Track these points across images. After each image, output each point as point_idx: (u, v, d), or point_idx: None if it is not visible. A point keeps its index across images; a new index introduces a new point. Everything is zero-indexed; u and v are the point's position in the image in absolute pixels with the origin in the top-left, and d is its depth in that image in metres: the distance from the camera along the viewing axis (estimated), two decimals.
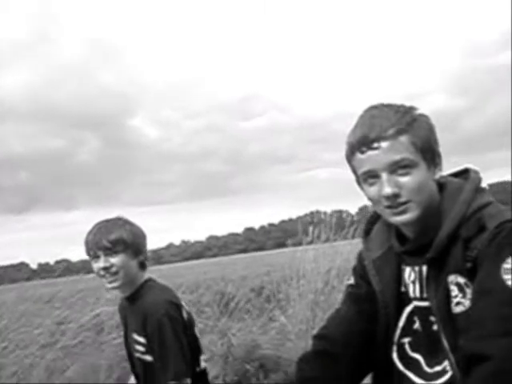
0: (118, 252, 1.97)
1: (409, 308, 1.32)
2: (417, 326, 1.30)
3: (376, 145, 1.19)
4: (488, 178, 1.35)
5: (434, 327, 1.24)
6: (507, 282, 1.08)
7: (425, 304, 1.26)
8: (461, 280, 1.17)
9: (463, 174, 1.31)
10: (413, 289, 1.30)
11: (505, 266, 1.09)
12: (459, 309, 1.17)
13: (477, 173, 1.28)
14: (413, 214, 1.20)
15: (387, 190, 1.18)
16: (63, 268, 6.50)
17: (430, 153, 1.22)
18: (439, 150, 1.25)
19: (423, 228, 1.24)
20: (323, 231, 6.17)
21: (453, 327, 1.17)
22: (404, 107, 1.23)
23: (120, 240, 1.97)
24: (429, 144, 1.21)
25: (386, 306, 1.34)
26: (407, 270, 1.31)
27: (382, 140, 1.18)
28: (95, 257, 1.99)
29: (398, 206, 1.20)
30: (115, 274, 1.97)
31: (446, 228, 1.20)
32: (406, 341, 1.33)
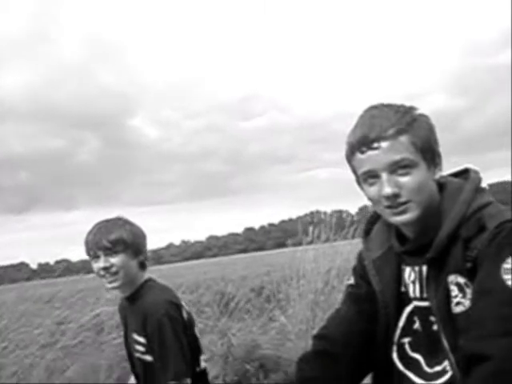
0: (118, 252, 1.97)
1: (409, 308, 1.32)
2: (417, 326, 1.30)
3: (376, 145, 1.19)
4: (488, 178, 1.35)
5: (434, 327, 1.24)
6: (507, 282, 1.08)
7: (425, 304, 1.26)
8: (461, 280, 1.17)
9: (463, 173, 1.31)
10: (413, 289, 1.29)
11: (505, 265, 1.09)
12: (459, 309, 1.17)
13: (477, 173, 1.28)
14: (413, 214, 1.20)
15: (387, 189, 1.18)
16: (63, 268, 6.49)
17: (429, 153, 1.22)
18: (439, 150, 1.25)
19: (423, 228, 1.24)
20: (323, 231, 6.17)
21: (453, 327, 1.17)
22: (404, 107, 1.23)
23: (120, 240, 1.97)
24: (429, 144, 1.21)
25: (386, 306, 1.34)
26: (407, 269, 1.31)
27: (382, 140, 1.18)
28: (95, 257, 1.99)
29: (398, 206, 1.20)
30: (115, 274, 1.97)
31: (446, 228, 1.20)
32: (406, 341, 1.33)
